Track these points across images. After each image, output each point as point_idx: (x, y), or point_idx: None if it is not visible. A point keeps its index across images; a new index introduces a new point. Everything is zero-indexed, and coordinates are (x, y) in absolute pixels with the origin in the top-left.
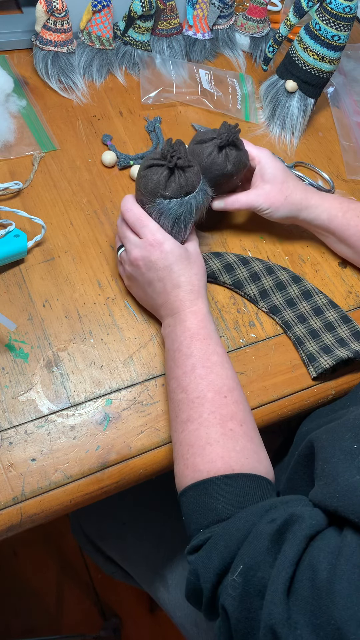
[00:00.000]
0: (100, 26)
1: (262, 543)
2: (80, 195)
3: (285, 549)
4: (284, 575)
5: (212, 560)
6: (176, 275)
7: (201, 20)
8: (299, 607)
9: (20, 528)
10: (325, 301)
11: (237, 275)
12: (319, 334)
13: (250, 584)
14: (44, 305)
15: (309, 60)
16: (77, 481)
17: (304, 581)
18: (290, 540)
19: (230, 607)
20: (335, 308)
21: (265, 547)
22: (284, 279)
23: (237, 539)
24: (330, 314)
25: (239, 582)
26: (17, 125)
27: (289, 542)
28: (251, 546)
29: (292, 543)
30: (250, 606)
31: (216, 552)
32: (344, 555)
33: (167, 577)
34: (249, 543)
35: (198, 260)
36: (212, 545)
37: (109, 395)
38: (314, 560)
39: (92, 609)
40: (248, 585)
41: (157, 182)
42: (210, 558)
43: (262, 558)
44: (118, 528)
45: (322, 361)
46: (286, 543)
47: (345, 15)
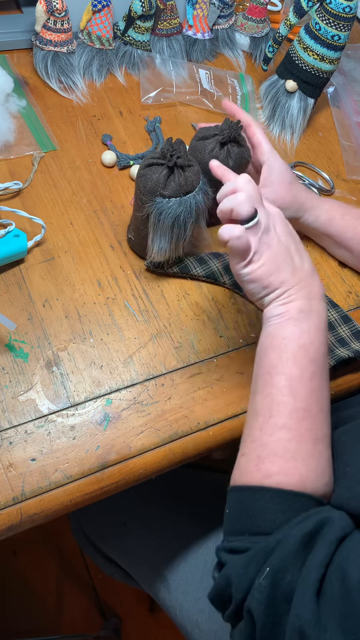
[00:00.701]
0: (100, 26)
1: (291, 546)
2: (80, 195)
3: (316, 551)
4: (314, 577)
5: (249, 572)
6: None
7: (201, 20)
8: (328, 610)
9: (20, 528)
10: (325, 301)
11: None
12: None
13: (277, 587)
14: (44, 305)
15: (309, 60)
16: (77, 481)
17: (334, 583)
18: (321, 543)
19: (256, 610)
20: (335, 308)
21: (294, 551)
22: None
23: (273, 551)
24: (330, 313)
25: (265, 585)
26: (17, 125)
27: (319, 545)
28: (280, 550)
29: (322, 545)
30: (276, 611)
31: (255, 565)
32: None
33: (168, 577)
34: (280, 546)
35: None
36: (253, 557)
37: (109, 395)
38: (343, 562)
39: (92, 609)
40: (275, 589)
41: (156, 181)
42: (247, 570)
43: (291, 561)
44: (118, 528)
45: None
46: (316, 545)
47: (345, 15)
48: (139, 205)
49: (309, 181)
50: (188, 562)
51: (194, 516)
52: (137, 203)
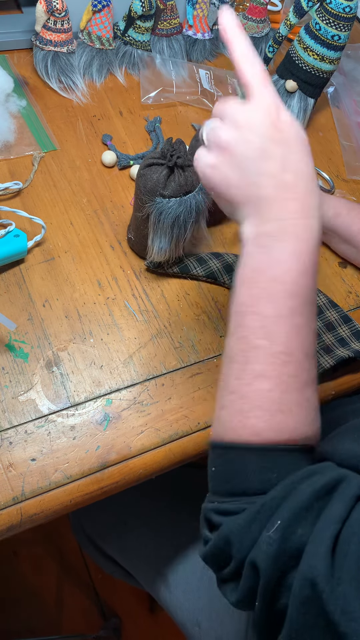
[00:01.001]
0: (100, 26)
1: (303, 500)
2: (80, 195)
3: (332, 505)
4: (330, 531)
5: (252, 531)
6: (300, 158)
7: (201, 20)
8: (344, 565)
9: (20, 528)
10: (325, 301)
11: None
12: (319, 333)
13: (288, 541)
14: (44, 305)
15: (309, 60)
16: (77, 481)
17: (351, 540)
18: (337, 498)
19: (263, 563)
20: (335, 308)
21: (307, 504)
22: None
23: (279, 506)
24: (330, 313)
25: (275, 539)
26: (17, 125)
27: (335, 499)
28: (292, 503)
29: (339, 500)
30: (284, 565)
31: (259, 522)
32: None
33: (169, 576)
34: (290, 500)
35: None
36: (256, 515)
37: (109, 395)
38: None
39: (92, 609)
40: (285, 543)
41: (156, 181)
42: (250, 528)
43: (303, 514)
44: (119, 527)
45: (323, 361)
46: (333, 500)
47: (345, 15)
48: (139, 205)
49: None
50: (188, 561)
51: (194, 515)
52: (137, 203)
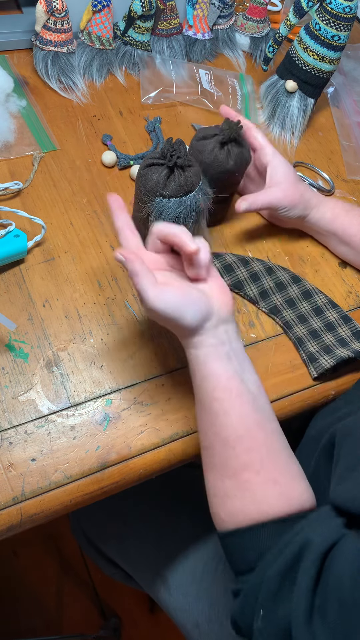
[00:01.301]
0: (100, 26)
1: (273, 584)
2: (80, 195)
3: (299, 580)
4: (303, 604)
5: (246, 615)
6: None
7: (201, 20)
8: (325, 629)
9: (20, 528)
10: (325, 301)
11: (237, 276)
12: (319, 334)
13: (273, 624)
14: (44, 305)
15: (309, 60)
16: (77, 481)
17: (328, 601)
18: (302, 569)
19: None
20: (335, 308)
21: (277, 587)
22: (284, 279)
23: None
24: (330, 313)
25: (262, 627)
26: (17, 125)
27: (301, 571)
28: (265, 589)
29: (303, 570)
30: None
31: (248, 607)
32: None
33: (168, 578)
34: (263, 587)
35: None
36: (245, 600)
37: (109, 395)
38: (333, 574)
39: (92, 609)
40: (272, 627)
41: (156, 181)
42: (244, 613)
43: (279, 595)
44: (118, 529)
45: (323, 361)
46: (298, 574)
47: (345, 15)
48: (139, 205)
49: (309, 181)
50: (188, 562)
51: (194, 516)
52: (137, 203)
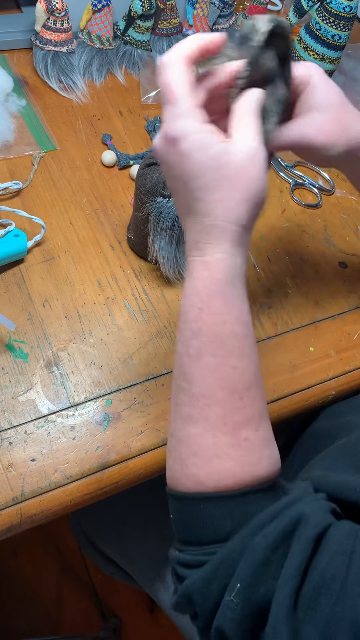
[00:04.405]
0: (100, 26)
1: (259, 556)
2: (80, 195)
3: (291, 556)
4: (289, 587)
5: (212, 591)
6: (191, 197)
7: (201, 19)
8: (310, 618)
9: (20, 528)
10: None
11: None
12: None
13: (251, 602)
14: (44, 305)
15: (309, 60)
16: (76, 481)
17: (315, 589)
18: (294, 547)
19: (229, 631)
20: None
21: (264, 560)
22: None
23: (238, 563)
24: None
25: (237, 603)
26: (16, 125)
27: (293, 549)
28: (248, 560)
29: (296, 549)
30: (254, 625)
31: (216, 582)
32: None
33: (168, 578)
34: (246, 558)
35: (244, 175)
36: (211, 572)
37: (109, 395)
38: (323, 562)
39: (91, 609)
40: (249, 605)
41: (156, 181)
42: (209, 588)
43: (262, 571)
44: (118, 528)
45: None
46: (290, 550)
47: (346, 14)
48: (139, 205)
49: (309, 181)
50: None
51: None
52: (137, 203)
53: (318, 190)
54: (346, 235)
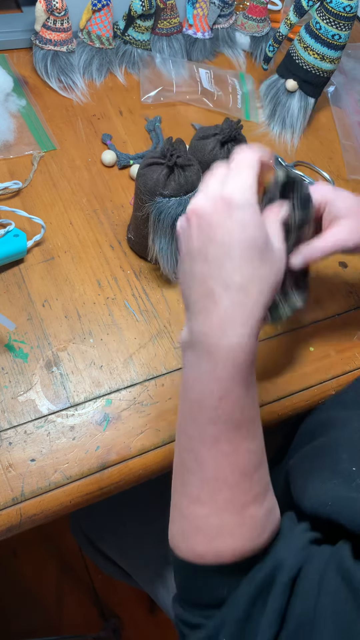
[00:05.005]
0: (100, 25)
1: (240, 612)
2: (80, 195)
3: (268, 606)
4: (267, 637)
5: None
6: (233, 266)
7: (201, 19)
8: None
9: (19, 528)
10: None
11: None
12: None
13: None
14: (44, 305)
15: (309, 60)
16: (76, 482)
17: (291, 636)
18: (272, 595)
19: None
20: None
21: (245, 615)
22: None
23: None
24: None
25: None
26: (16, 125)
27: (271, 598)
28: (231, 616)
29: (274, 597)
30: None
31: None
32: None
33: (167, 577)
34: (229, 613)
35: (278, 266)
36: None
37: (109, 395)
38: (297, 607)
39: (92, 609)
40: None
41: (156, 181)
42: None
43: (244, 626)
44: (118, 528)
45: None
46: (269, 600)
47: (346, 14)
48: (139, 205)
49: (309, 180)
50: None
51: None
52: (137, 202)
53: None
54: None
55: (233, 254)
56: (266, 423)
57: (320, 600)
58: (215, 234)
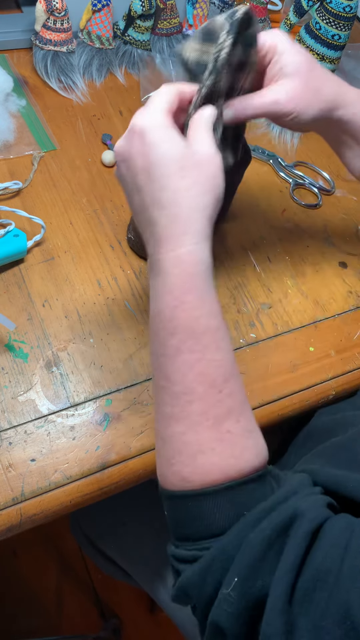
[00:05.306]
0: (100, 25)
1: (256, 551)
2: (80, 195)
3: (287, 552)
4: (285, 583)
5: (207, 584)
6: (157, 186)
7: (201, 19)
8: (306, 611)
9: (19, 528)
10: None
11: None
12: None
13: (248, 596)
14: (44, 305)
15: None
16: (76, 482)
17: (310, 583)
18: (290, 543)
19: (226, 623)
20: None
21: (260, 555)
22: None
23: (233, 557)
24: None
25: (234, 597)
26: (16, 125)
27: (288, 545)
28: (245, 555)
29: (291, 545)
30: (250, 620)
31: (211, 576)
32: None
33: (167, 577)
34: (242, 552)
35: (205, 169)
36: (206, 566)
37: (109, 395)
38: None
39: (92, 609)
40: (246, 599)
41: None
42: (205, 581)
43: (259, 566)
44: (118, 528)
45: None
46: (286, 545)
47: (346, 14)
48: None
49: (309, 181)
50: None
51: None
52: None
53: (318, 190)
54: (346, 235)
55: (154, 176)
56: (266, 423)
57: (347, 561)
58: (136, 164)
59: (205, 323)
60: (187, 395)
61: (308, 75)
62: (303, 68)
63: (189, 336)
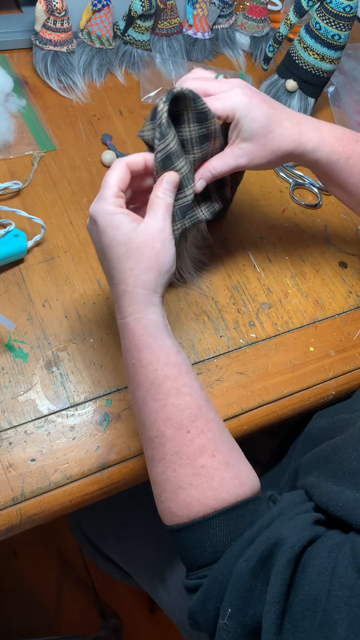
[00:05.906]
0: (100, 25)
1: (244, 582)
2: (80, 195)
3: (271, 583)
4: (274, 612)
5: (208, 610)
6: (110, 265)
7: (201, 19)
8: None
9: (19, 528)
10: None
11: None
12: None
13: (243, 624)
14: (44, 305)
15: (309, 60)
16: (76, 481)
17: (299, 613)
18: (275, 571)
19: None
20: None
21: (248, 586)
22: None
23: (226, 585)
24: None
25: (231, 626)
26: (16, 125)
27: (274, 573)
28: (235, 586)
29: (276, 573)
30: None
31: (210, 602)
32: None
33: (167, 577)
34: (233, 583)
35: (149, 250)
36: (205, 593)
37: (109, 395)
38: (307, 581)
39: (91, 609)
40: (241, 627)
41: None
42: (205, 608)
43: (249, 595)
44: (118, 528)
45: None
46: (271, 576)
47: (346, 14)
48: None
49: (309, 181)
50: None
51: None
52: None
53: (318, 190)
54: (346, 235)
55: (107, 256)
56: (266, 423)
57: (333, 591)
58: (96, 242)
59: (162, 374)
60: (159, 439)
61: (265, 139)
62: (260, 133)
63: (150, 387)
